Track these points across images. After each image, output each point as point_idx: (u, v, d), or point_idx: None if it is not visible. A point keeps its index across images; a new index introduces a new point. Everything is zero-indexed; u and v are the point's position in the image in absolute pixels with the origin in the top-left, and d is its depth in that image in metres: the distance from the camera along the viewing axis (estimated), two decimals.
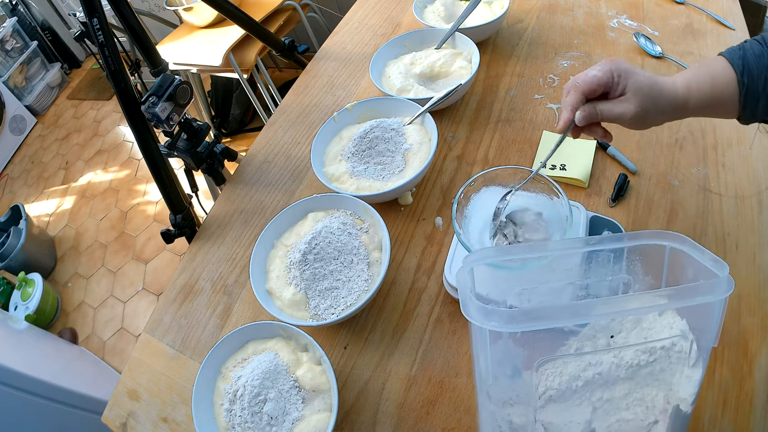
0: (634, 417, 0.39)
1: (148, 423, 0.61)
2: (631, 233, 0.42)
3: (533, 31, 0.96)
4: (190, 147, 0.81)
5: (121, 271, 1.96)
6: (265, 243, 0.67)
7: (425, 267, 0.66)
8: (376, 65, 0.88)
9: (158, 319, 0.71)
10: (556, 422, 0.39)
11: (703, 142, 0.72)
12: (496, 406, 0.40)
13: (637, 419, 0.38)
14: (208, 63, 1.58)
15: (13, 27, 2.76)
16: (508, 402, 0.40)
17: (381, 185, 0.71)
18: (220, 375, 0.58)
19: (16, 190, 2.54)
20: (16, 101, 2.77)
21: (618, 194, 0.67)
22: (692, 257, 0.38)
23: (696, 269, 0.38)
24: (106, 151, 2.54)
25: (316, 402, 0.53)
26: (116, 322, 1.81)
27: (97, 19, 0.67)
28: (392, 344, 0.61)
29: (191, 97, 0.75)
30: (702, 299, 0.34)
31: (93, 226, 2.18)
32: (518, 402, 0.40)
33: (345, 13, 1.17)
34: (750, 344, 0.53)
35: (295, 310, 0.60)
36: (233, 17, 1.02)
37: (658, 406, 0.38)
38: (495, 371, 0.39)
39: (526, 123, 0.80)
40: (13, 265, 1.92)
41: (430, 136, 0.74)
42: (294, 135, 0.90)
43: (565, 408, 0.40)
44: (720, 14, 0.91)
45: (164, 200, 0.79)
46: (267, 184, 0.83)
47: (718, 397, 0.51)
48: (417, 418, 0.55)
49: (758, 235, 0.62)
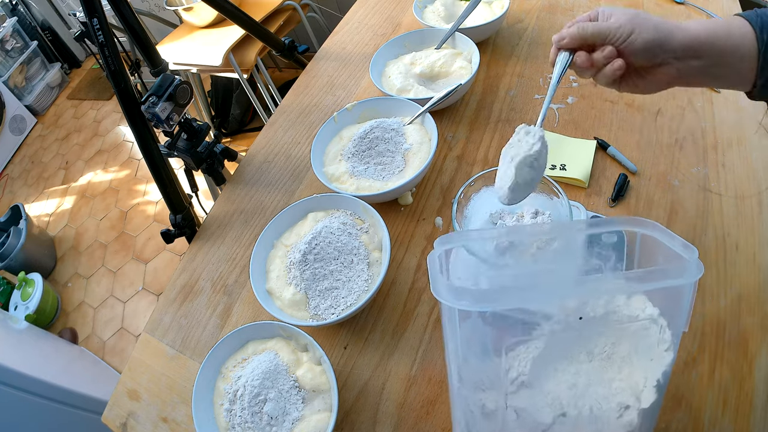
0: (605, 401, 0.39)
1: (148, 423, 0.61)
2: (604, 219, 0.42)
3: (533, 31, 0.96)
4: (190, 147, 0.81)
5: (121, 271, 1.96)
6: (265, 243, 0.67)
7: (425, 267, 0.66)
8: (376, 65, 0.88)
9: (158, 319, 0.71)
10: (528, 407, 0.39)
11: (703, 142, 0.72)
12: (468, 390, 0.40)
13: (609, 404, 0.39)
14: (208, 63, 1.58)
15: (13, 27, 2.76)
16: (480, 387, 0.40)
17: (381, 185, 0.71)
18: (220, 375, 0.58)
19: (16, 190, 2.54)
20: (16, 101, 2.77)
21: (618, 194, 0.67)
22: (663, 244, 0.38)
23: (666, 255, 0.38)
24: (106, 151, 2.54)
25: (316, 402, 0.53)
26: (116, 322, 1.81)
27: (97, 19, 0.67)
28: (392, 344, 0.61)
29: (191, 97, 0.75)
30: (672, 282, 0.34)
31: (93, 226, 2.18)
32: (490, 387, 0.40)
33: (345, 13, 1.17)
34: (750, 344, 0.53)
35: (295, 310, 0.60)
36: (233, 17, 1.02)
37: (629, 390, 0.38)
38: (465, 352, 0.39)
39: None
40: (13, 265, 1.92)
41: (430, 136, 0.74)
42: (294, 135, 0.90)
43: (536, 393, 0.40)
44: (720, 14, 0.91)
45: (164, 200, 0.79)
46: (267, 184, 0.83)
47: (718, 397, 0.51)
48: (417, 418, 0.55)
49: (758, 235, 0.62)
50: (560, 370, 0.40)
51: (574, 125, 0.78)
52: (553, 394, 0.39)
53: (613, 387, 0.39)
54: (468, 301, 0.34)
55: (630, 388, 0.39)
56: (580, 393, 0.39)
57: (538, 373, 0.40)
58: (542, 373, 0.40)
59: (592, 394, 0.39)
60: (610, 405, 0.39)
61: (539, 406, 0.39)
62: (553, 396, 0.39)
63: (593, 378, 0.39)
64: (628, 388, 0.39)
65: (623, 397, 0.38)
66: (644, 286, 0.36)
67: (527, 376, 0.40)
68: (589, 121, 0.78)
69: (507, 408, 0.40)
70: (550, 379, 0.40)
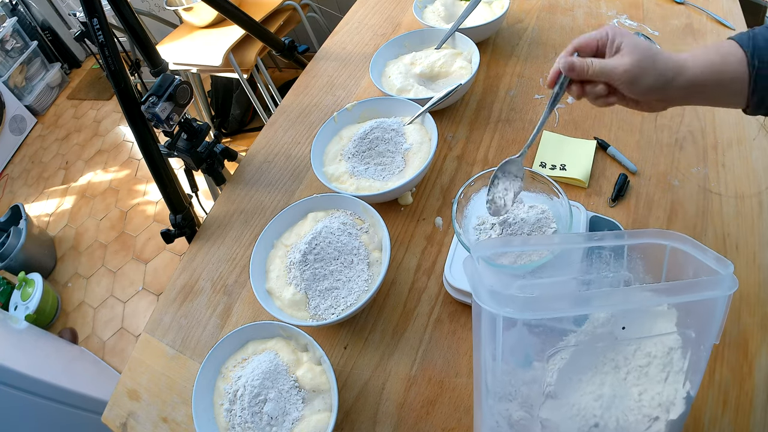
0: (631, 413, 0.38)
1: (148, 423, 0.61)
2: (632, 231, 0.42)
3: (533, 31, 0.96)
4: (190, 147, 0.81)
5: (121, 271, 1.96)
6: (265, 243, 0.67)
7: (425, 267, 0.66)
8: (376, 65, 0.88)
9: (158, 319, 0.71)
10: (554, 419, 0.39)
11: (703, 142, 0.72)
12: (494, 400, 0.40)
13: (635, 415, 0.38)
14: (208, 63, 1.58)
15: (13, 27, 2.76)
16: (507, 397, 0.40)
17: (381, 185, 0.71)
18: (220, 375, 0.58)
19: (16, 190, 2.54)
20: (16, 101, 2.77)
21: (618, 194, 0.67)
22: (693, 256, 0.38)
23: (696, 268, 0.38)
24: (106, 151, 2.54)
25: (316, 402, 0.53)
26: (116, 322, 1.81)
27: (97, 19, 0.67)
28: (392, 344, 0.61)
29: (191, 97, 0.75)
30: (709, 294, 0.34)
31: (93, 226, 2.18)
32: (517, 397, 0.40)
33: (345, 13, 1.17)
34: (750, 344, 0.53)
35: (295, 310, 0.60)
36: (233, 17, 1.02)
37: (658, 402, 0.38)
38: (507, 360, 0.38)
39: (526, 123, 0.80)
40: (13, 265, 1.92)
41: (430, 136, 0.74)
42: (294, 135, 0.90)
43: (563, 404, 0.39)
44: (720, 14, 0.91)
45: (164, 200, 0.79)
46: (267, 184, 0.83)
47: (718, 397, 0.51)
48: (417, 418, 0.55)
49: (758, 235, 0.62)
50: (584, 380, 0.39)
51: (574, 125, 0.78)
52: (578, 406, 0.39)
53: (640, 398, 0.39)
54: (513, 309, 0.33)
55: (659, 399, 0.38)
56: (606, 404, 0.39)
57: (564, 384, 0.39)
58: (567, 384, 0.39)
59: (618, 406, 0.39)
60: (636, 417, 0.38)
61: (567, 417, 0.39)
62: (578, 407, 0.39)
63: (618, 389, 0.39)
64: (658, 400, 0.38)
65: (651, 409, 0.38)
66: (683, 298, 0.36)
67: (553, 386, 0.39)
68: (589, 121, 0.78)
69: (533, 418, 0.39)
70: (575, 390, 0.39)
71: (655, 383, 0.39)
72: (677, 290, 0.35)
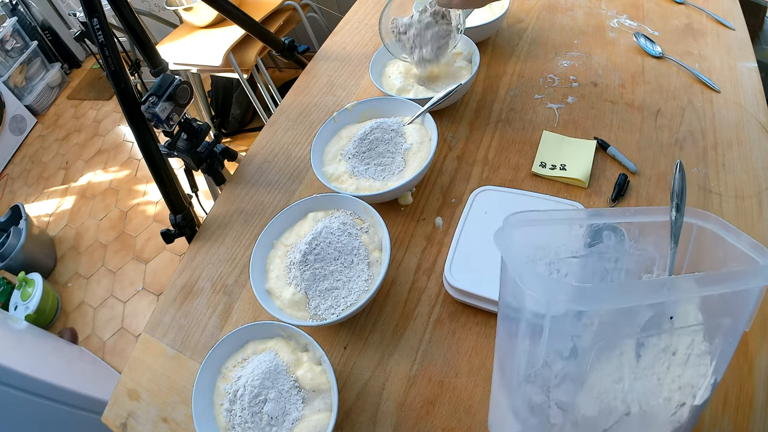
0: (653, 397, 0.38)
1: (148, 423, 0.61)
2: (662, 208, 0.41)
3: (533, 31, 0.96)
4: (190, 147, 0.81)
5: (121, 271, 1.96)
6: (265, 243, 0.67)
7: (425, 267, 0.66)
8: (376, 65, 0.88)
9: (158, 319, 0.71)
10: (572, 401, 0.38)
11: (703, 142, 0.72)
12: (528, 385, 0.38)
13: (657, 399, 0.38)
14: (208, 63, 1.58)
15: (13, 27, 2.76)
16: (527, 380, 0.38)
17: (381, 185, 0.71)
18: (220, 375, 0.58)
19: (16, 190, 2.54)
20: (16, 101, 2.77)
21: (618, 194, 0.67)
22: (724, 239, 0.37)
23: (726, 252, 0.36)
24: (106, 151, 2.54)
25: (316, 402, 0.53)
26: (116, 322, 1.81)
27: (97, 19, 0.67)
28: (392, 344, 0.61)
29: (191, 97, 0.75)
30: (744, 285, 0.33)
31: (93, 226, 2.18)
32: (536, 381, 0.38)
33: (345, 13, 1.17)
34: (750, 344, 0.53)
35: (295, 310, 0.60)
36: (233, 17, 1.02)
37: (685, 389, 0.38)
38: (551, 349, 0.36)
39: (526, 123, 0.80)
40: (13, 265, 1.92)
41: (430, 136, 0.74)
42: (294, 135, 0.90)
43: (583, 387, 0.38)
44: (720, 14, 0.91)
45: (164, 200, 0.79)
46: (267, 184, 0.83)
47: (718, 397, 0.51)
48: (417, 418, 0.55)
49: (758, 235, 0.62)
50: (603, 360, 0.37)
51: (574, 125, 0.78)
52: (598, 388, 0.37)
53: (664, 383, 0.37)
54: (566, 297, 0.31)
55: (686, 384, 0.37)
56: (627, 388, 0.37)
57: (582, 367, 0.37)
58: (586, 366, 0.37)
59: (640, 389, 0.37)
60: (658, 401, 0.37)
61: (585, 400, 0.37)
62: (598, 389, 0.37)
63: (639, 373, 0.37)
64: (685, 385, 0.37)
65: (678, 393, 0.37)
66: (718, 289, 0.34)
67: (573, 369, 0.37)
68: (589, 121, 0.78)
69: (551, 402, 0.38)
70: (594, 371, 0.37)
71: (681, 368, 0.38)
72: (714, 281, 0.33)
